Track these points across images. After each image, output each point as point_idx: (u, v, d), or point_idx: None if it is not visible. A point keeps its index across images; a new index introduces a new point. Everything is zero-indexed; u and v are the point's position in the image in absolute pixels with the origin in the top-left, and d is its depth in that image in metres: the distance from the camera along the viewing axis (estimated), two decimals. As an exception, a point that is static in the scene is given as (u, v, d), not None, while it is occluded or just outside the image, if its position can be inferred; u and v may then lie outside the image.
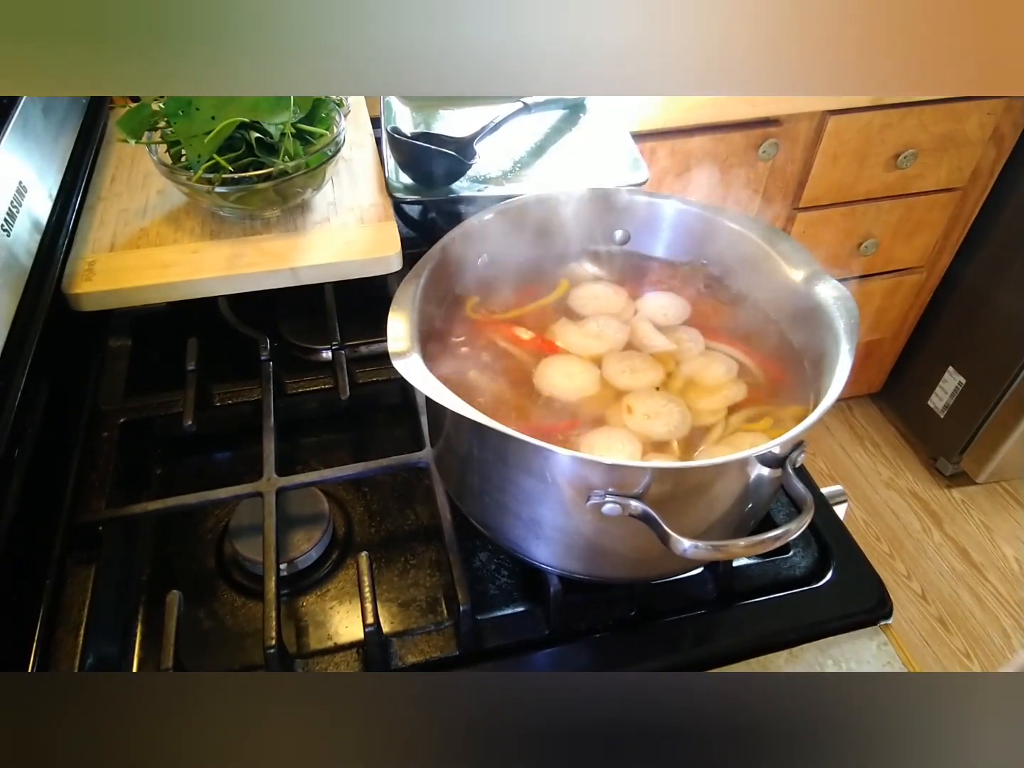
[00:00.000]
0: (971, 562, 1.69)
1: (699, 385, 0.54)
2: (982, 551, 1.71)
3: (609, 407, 0.53)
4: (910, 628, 1.58)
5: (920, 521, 1.77)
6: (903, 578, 1.66)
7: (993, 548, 1.72)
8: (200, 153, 0.66)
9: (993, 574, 1.67)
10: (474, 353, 0.56)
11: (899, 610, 1.54)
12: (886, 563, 1.69)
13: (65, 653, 0.52)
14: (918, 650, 1.55)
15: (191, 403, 0.65)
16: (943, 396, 1.79)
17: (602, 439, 0.50)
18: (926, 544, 1.73)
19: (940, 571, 1.67)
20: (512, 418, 0.51)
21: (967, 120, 1.41)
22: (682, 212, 0.62)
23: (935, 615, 1.60)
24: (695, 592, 0.58)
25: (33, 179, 0.62)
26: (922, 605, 1.62)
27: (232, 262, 0.69)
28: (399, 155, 0.79)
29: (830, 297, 0.52)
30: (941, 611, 1.60)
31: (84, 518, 0.59)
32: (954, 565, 1.69)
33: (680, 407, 0.52)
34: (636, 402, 0.52)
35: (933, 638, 1.56)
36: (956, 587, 1.64)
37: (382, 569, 0.61)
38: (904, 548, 1.72)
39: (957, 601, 1.62)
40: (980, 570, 1.67)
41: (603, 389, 0.54)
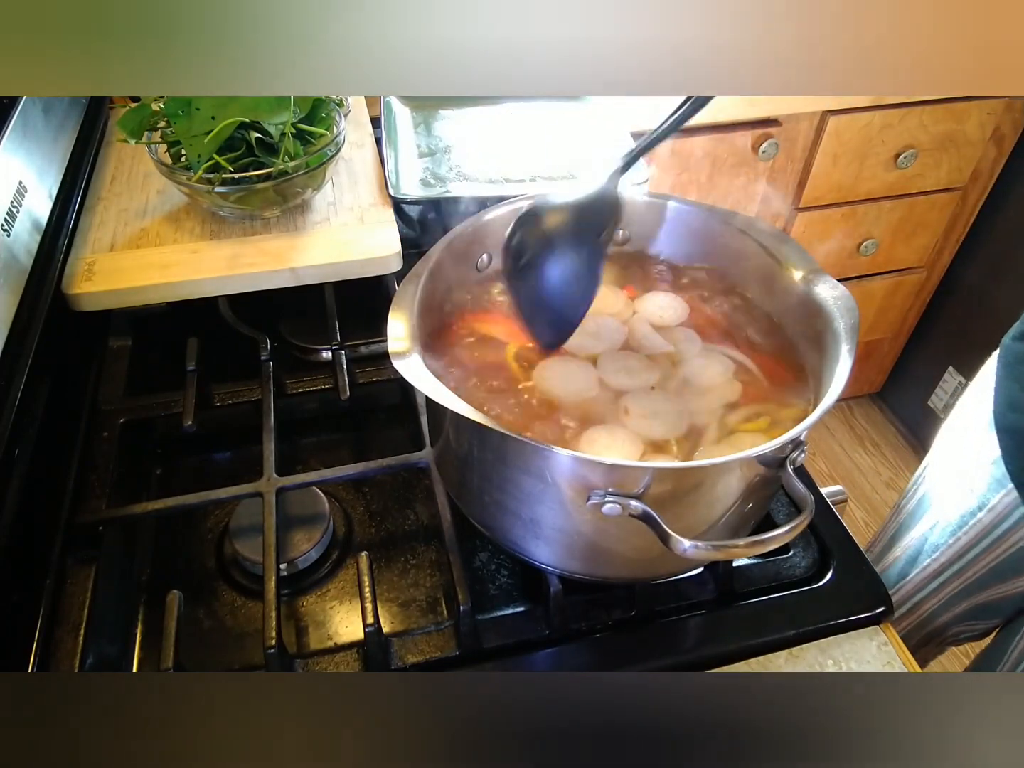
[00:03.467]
0: (971, 562, 1.69)
1: (696, 385, 0.54)
2: (982, 551, 1.71)
3: (607, 407, 0.53)
4: (910, 628, 1.58)
5: (920, 521, 1.77)
6: (903, 578, 1.66)
7: (993, 548, 1.71)
8: (200, 153, 0.66)
9: (993, 574, 1.66)
10: (474, 352, 0.56)
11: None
12: (886, 563, 1.69)
13: (65, 653, 0.52)
14: (918, 650, 1.54)
15: (191, 403, 0.65)
16: (943, 396, 1.79)
17: (603, 436, 0.50)
18: (926, 544, 1.73)
19: (940, 571, 1.67)
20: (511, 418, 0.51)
21: (967, 120, 1.41)
22: (682, 212, 0.62)
23: (935, 615, 1.60)
24: (695, 592, 0.58)
25: (33, 179, 0.62)
26: (922, 605, 1.61)
27: (232, 262, 0.69)
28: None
29: (830, 297, 0.52)
30: (941, 611, 1.60)
31: (84, 518, 0.59)
32: (954, 565, 1.68)
33: (677, 407, 0.52)
34: (633, 403, 0.52)
35: (933, 638, 1.56)
36: (956, 587, 1.64)
37: (382, 569, 0.61)
38: (904, 548, 1.72)
39: (957, 601, 1.62)
40: (980, 570, 1.67)
41: (602, 390, 0.54)
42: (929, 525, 0.82)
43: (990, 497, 0.73)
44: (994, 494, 0.72)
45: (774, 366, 0.56)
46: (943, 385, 1.79)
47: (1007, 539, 0.73)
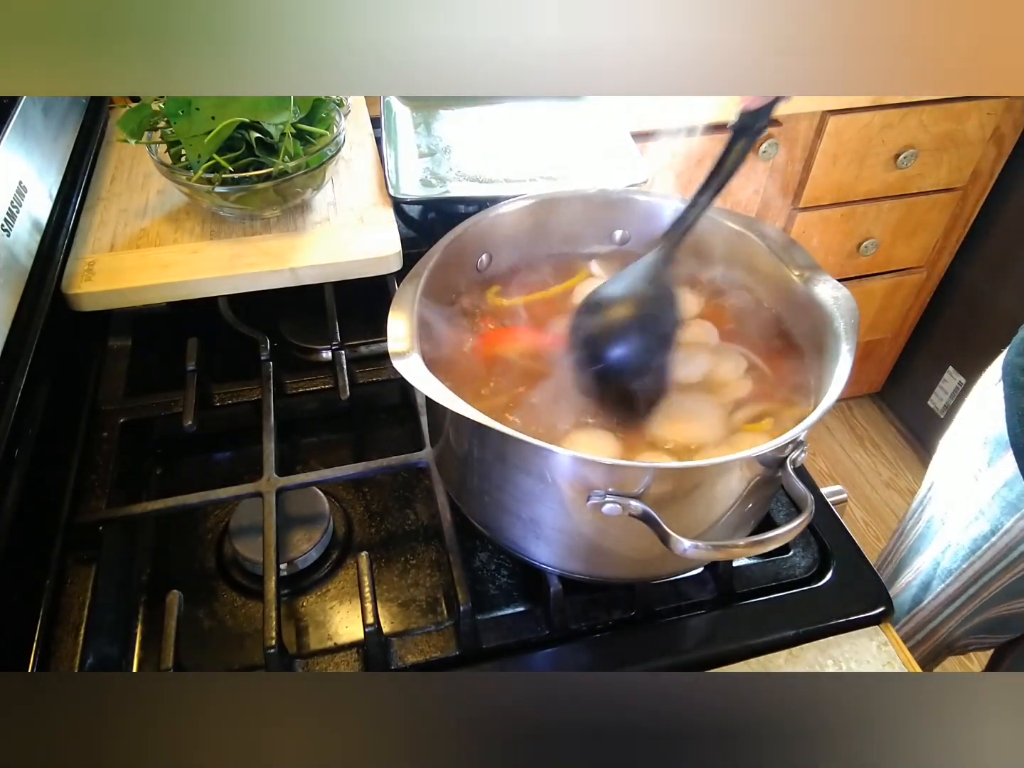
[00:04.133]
0: (971, 562, 1.69)
1: (710, 380, 0.54)
2: (982, 551, 1.71)
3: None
4: (910, 628, 1.58)
5: (920, 521, 1.77)
6: (903, 578, 1.66)
7: (993, 548, 1.71)
8: (200, 153, 0.66)
9: (993, 574, 1.66)
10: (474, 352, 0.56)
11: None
12: (886, 563, 1.69)
13: (65, 653, 0.52)
14: (918, 650, 1.54)
15: (191, 403, 0.65)
16: (943, 396, 1.79)
17: (583, 439, 0.50)
18: (926, 544, 1.72)
19: (940, 571, 1.67)
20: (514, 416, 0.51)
21: (967, 120, 1.41)
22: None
23: (935, 615, 1.60)
24: (695, 592, 0.58)
25: (33, 179, 0.62)
26: (922, 605, 1.61)
27: (232, 262, 0.69)
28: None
29: (830, 297, 0.52)
30: (941, 611, 1.60)
31: (84, 518, 0.59)
32: (954, 565, 1.68)
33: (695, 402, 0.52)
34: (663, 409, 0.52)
35: (933, 638, 1.56)
36: (956, 587, 1.64)
37: (382, 569, 0.61)
38: (904, 548, 1.72)
39: (957, 601, 1.62)
40: (980, 570, 1.67)
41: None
42: (940, 549, 0.80)
43: (1004, 521, 0.71)
44: (1008, 517, 0.71)
45: (774, 366, 0.56)
46: (943, 385, 1.79)
47: (1023, 561, 0.72)
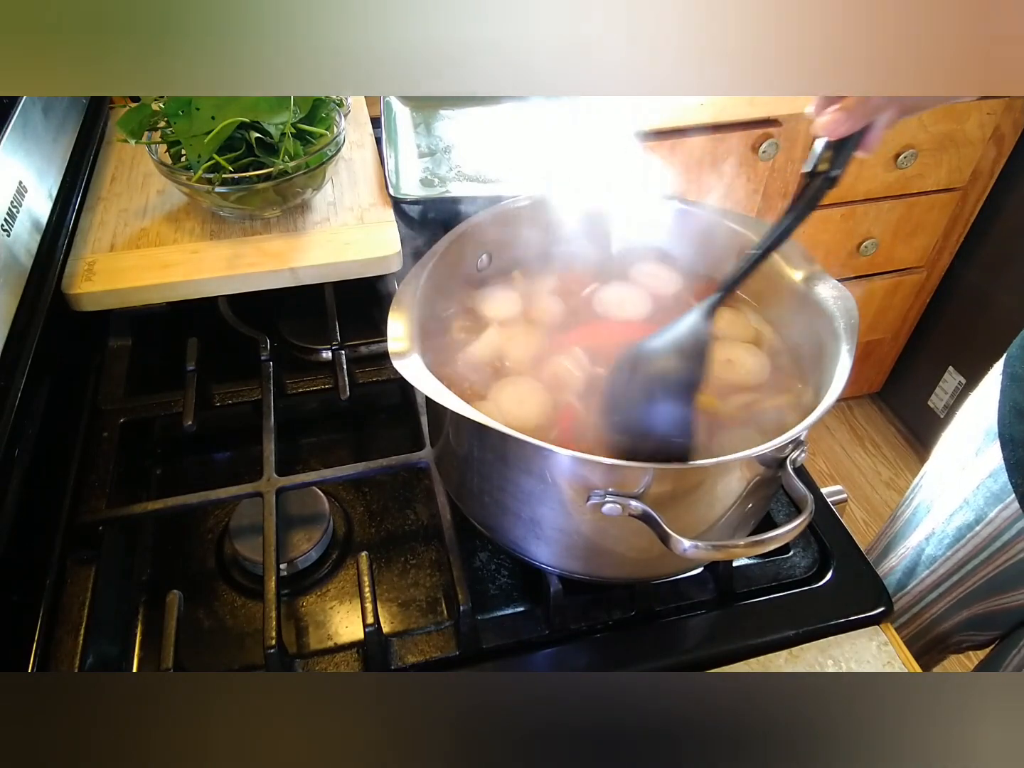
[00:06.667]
0: (971, 562, 1.69)
1: (735, 366, 0.55)
2: (982, 551, 1.71)
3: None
4: (910, 628, 1.58)
5: (920, 521, 1.77)
6: (903, 578, 1.66)
7: (993, 548, 1.71)
8: (200, 153, 0.66)
9: (993, 574, 1.66)
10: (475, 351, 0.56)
11: (899, 610, 1.54)
12: (886, 563, 1.69)
13: (65, 653, 0.52)
14: (918, 650, 1.54)
15: (191, 403, 0.65)
16: (943, 396, 1.79)
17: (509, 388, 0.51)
18: (926, 544, 1.72)
19: (940, 571, 1.67)
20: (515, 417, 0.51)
21: (967, 120, 1.41)
22: (682, 212, 0.62)
23: (935, 615, 1.60)
24: (695, 592, 0.58)
25: (33, 179, 0.62)
26: (922, 605, 1.61)
27: (232, 262, 0.69)
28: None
29: (830, 297, 0.52)
30: (941, 611, 1.60)
31: (84, 518, 0.59)
32: (954, 565, 1.68)
33: None
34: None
35: (933, 638, 1.56)
36: (956, 587, 1.64)
37: (382, 569, 0.61)
38: (904, 548, 1.72)
39: (957, 601, 1.62)
40: (980, 570, 1.67)
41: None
42: (925, 535, 0.81)
43: (988, 511, 0.72)
44: (992, 508, 0.72)
45: (774, 365, 0.56)
46: (943, 385, 1.79)
47: (1006, 551, 0.72)
